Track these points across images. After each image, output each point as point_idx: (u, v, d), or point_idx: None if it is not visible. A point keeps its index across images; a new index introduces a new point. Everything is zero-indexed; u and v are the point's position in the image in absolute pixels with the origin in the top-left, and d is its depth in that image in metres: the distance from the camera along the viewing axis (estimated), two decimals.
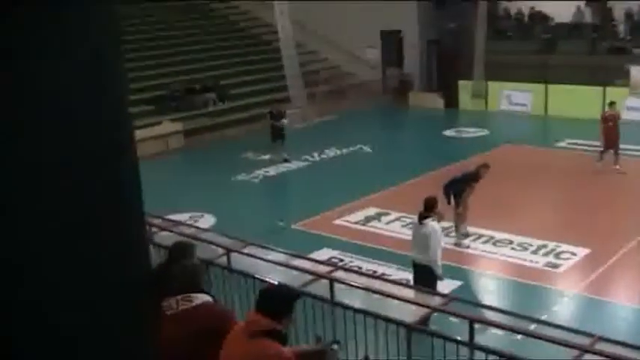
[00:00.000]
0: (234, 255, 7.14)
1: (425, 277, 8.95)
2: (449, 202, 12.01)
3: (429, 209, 9.09)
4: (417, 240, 9.17)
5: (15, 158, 2.25)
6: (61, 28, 2.35)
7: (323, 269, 6.85)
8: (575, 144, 19.76)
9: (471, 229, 12.55)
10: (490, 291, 10.81)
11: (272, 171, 18.40)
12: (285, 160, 18.90)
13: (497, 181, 14.31)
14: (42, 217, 2.33)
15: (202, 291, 4.55)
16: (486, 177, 12.05)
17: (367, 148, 20.29)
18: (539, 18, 29.18)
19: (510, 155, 18.95)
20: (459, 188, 12.02)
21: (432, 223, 8.99)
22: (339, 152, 20.01)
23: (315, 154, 19.65)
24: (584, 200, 14.64)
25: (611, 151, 16.27)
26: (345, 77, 29.22)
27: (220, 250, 7.27)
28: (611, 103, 17.15)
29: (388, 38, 29.52)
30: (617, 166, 16.23)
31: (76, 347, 2.45)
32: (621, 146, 16.44)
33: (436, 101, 27.65)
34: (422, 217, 9.08)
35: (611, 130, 16.24)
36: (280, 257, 7.45)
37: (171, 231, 7.98)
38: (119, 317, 2.61)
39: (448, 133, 22.48)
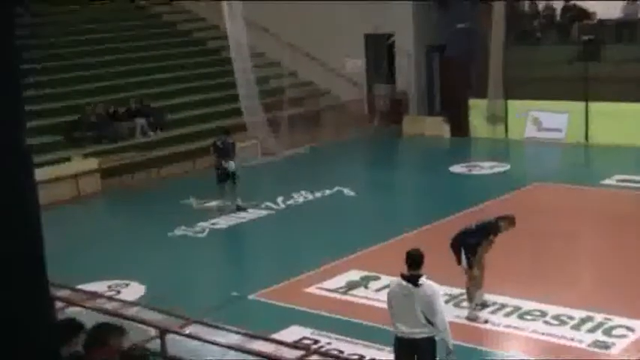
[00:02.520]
0: (170, 337, 7.07)
1: (424, 356, 9.04)
2: (459, 262, 12.03)
3: (417, 265, 9.15)
4: (409, 309, 9.06)
5: None
6: None
7: (292, 354, 6.81)
8: (629, 181, 19.95)
9: (489, 298, 12.56)
10: None
11: (222, 223, 18.34)
12: (240, 209, 18.88)
13: (524, 233, 14.38)
14: None
15: None
16: (514, 230, 12.11)
17: (349, 191, 20.32)
18: (577, 15, 29.35)
19: (541, 198, 19.11)
20: (472, 243, 12.06)
21: (429, 282, 9.05)
22: (311, 197, 20.01)
23: (280, 200, 19.64)
24: None
25: None
26: (320, 97, 29.46)
27: (152, 331, 7.21)
28: None
29: (375, 45, 29.84)
30: None
31: None
32: None
33: (439, 127, 27.81)
34: (414, 278, 9.07)
35: None
36: (234, 339, 7.41)
37: (85, 306, 7.91)
38: None
39: (456, 169, 22.64)
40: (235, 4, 24.97)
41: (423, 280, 9.04)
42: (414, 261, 9.16)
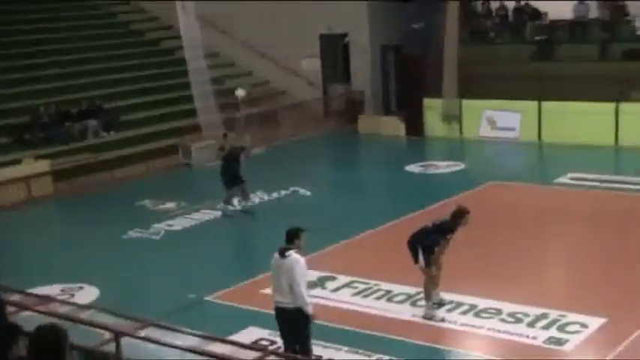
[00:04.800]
0: (125, 340, 7.03)
1: (295, 324, 9.93)
2: (416, 261, 12.09)
3: (290, 240, 10.07)
4: (279, 280, 9.99)
5: None
6: None
7: (249, 355, 6.81)
8: (582, 179, 20.22)
9: (446, 296, 12.64)
10: None
11: (177, 224, 18.26)
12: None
13: (480, 232, 14.51)
14: None
15: None
16: (466, 226, 12.19)
17: (304, 192, 20.36)
18: (530, 15, 29.77)
19: (497, 197, 19.26)
20: (430, 243, 12.12)
21: (295, 255, 9.92)
22: (267, 197, 20.01)
23: (236, 201, 19.60)
24: (597, 254, 14.94)
25: None
26: (276, 97, 29.44)
27: (107, 335, 7.16)
28: None
29: (330, 44, 29.88)
30: None
31: None
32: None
33: (395, 127, 27.96)
34: (283, 251, 9.97)
35: None
36: (191, 341, 7.38)
37: (37, 310, 7.83)
38: None
39: (412, 168, 22.76)
40: (189, 3, 24.84)
41: (290, 252, 9.94)
42: (287, 236, 10.11)
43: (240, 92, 21.98)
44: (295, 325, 9.96)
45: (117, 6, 32.95)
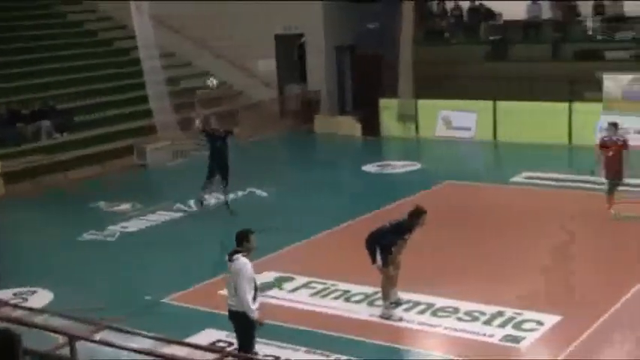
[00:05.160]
0: (80, 344, 6.95)
1: (239, 326, 10.09)
2: (374, 261, 12.11)
3: (239, 243, 10.10)
4: (229, 282, 10.12)
5: None
6: None
7: (206, 357, 6.77)
8: (537, 178, 20.48)
9: (403, 296, 12.68)
10: None
11: (132, 226, 18.12)
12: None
13: (437, 232, 14.58)
14: None
15: None
16: (423, 226, 12.23)
17: (261, 192, 20.31)
18: (484, 15, 30.03)
19: (453, 196, 19.37)
20: (387, 242, 12.15)
21: (242, 259, 9.94)
22: (223, 198, 19.93)
23: (192, 202, 19.51)
24: (552, 252, 15.11)
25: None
26: (232, 97, 29.34)
27: (61, 339, 7.07)
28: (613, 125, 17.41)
29: (285, 45, 29.87)
30: (612, 210, 16.77)
31: None
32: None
33: (351, 127, 28.04)
34: (232, 254, 10.02)
35: (611, 160, 16.72)
36: (147, 343, 7.32)
37: None
38: None
39: (369, 168, 22.84)
40: (143, 3, 24.66)
41: (237, 256, 9.96)
42: (237, 239, 10.17)
43: (211, 82, 21.81)
44: (239, 327, 10.13)
45: (69, 5, 32.59)
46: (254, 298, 9.96)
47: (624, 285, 12.99)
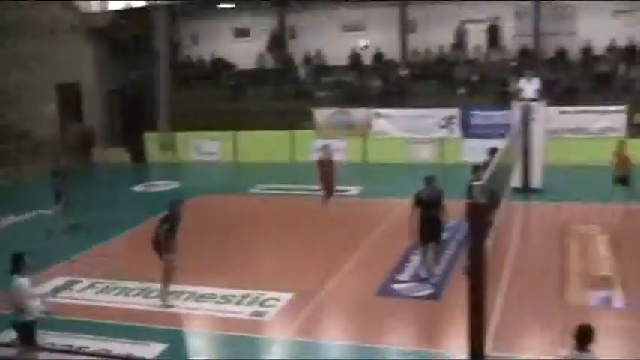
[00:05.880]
0: None
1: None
2: (161, 258, 11.98)
3: (15, 265, 9.21)
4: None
5: None
6: None
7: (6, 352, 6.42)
8: (269, 188, 21.22)
9: (173, 287, 12.58)
10: (198, 348, 10.92)
11: None
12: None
13: (197, 235, 14.64)
14: None
15: None
16: (187, 233, 12.20)
17: (46, 212, 19.40)
18: (222, 65, 30.72)
19: (208, 206, 19.46)
20: (165, 233, 11.93)
21: (17, 280, 9.13)
22: (13, 220, 18.89)
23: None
24: (287, 245, 15.55)
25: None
26: (20, 136, 27.62)
27: None
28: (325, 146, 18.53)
29: (65, 90, 28.69)
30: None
31: None
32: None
33: (122, 156, 27.73)
34: (11, 274, 9.20)
35: (326, 174, 17.74)
36: None
37: None
38: None
39: (138, 188, 22.55)
40: None
41: (14, 276, 9.13)
42: (12, 262, 9.20)
43: (48, 108, 19.83)
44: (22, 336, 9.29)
45: None
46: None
47: (335, 267, 13.72)
